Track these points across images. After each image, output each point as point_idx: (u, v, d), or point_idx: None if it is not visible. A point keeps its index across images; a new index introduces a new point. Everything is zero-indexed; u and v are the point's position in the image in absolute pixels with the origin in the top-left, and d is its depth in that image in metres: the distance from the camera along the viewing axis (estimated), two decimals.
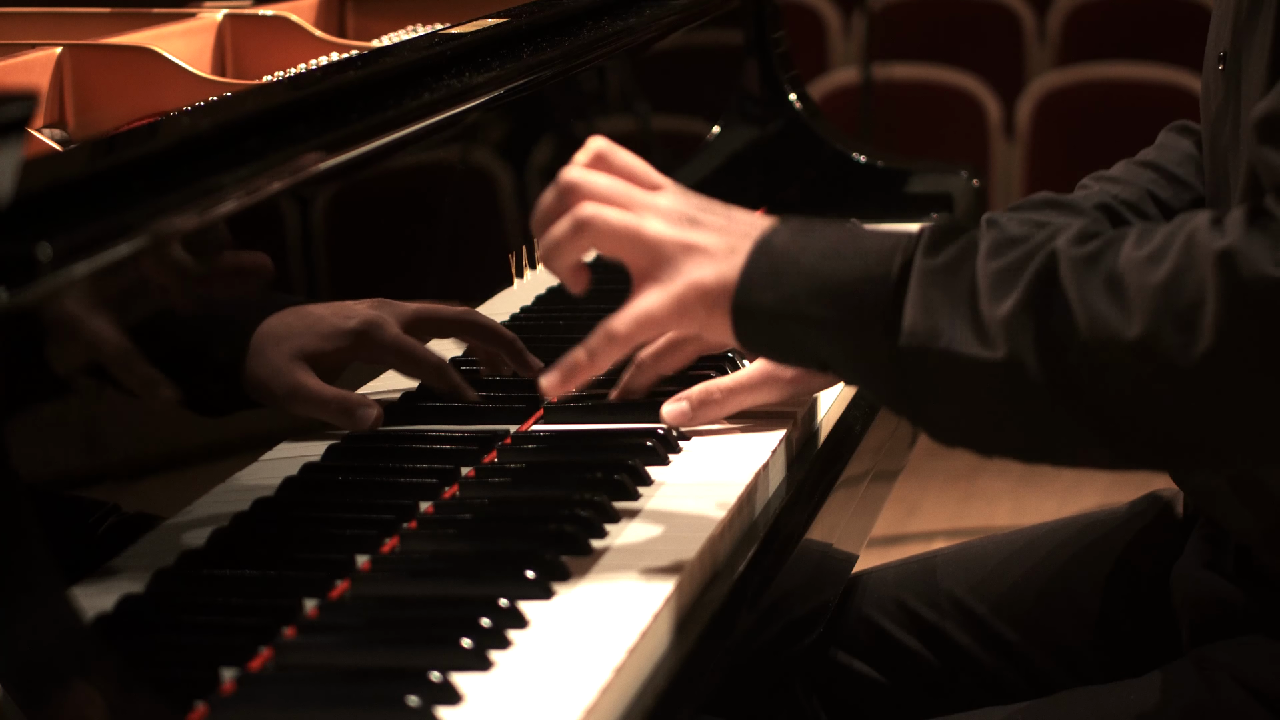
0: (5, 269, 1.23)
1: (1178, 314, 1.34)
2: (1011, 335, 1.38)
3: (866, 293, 1.43)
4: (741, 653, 1.51)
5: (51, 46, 2.01)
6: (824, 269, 1.45)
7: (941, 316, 1.40)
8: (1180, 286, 1.34)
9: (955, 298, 1.40)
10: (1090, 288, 1.37)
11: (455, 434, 1.76)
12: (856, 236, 1.47)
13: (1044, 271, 1.38)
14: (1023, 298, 1.38)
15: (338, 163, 1.68)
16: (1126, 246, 1.38)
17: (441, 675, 1.29)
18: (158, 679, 1.27)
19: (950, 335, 1.40)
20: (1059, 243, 1.40)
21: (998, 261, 1.40)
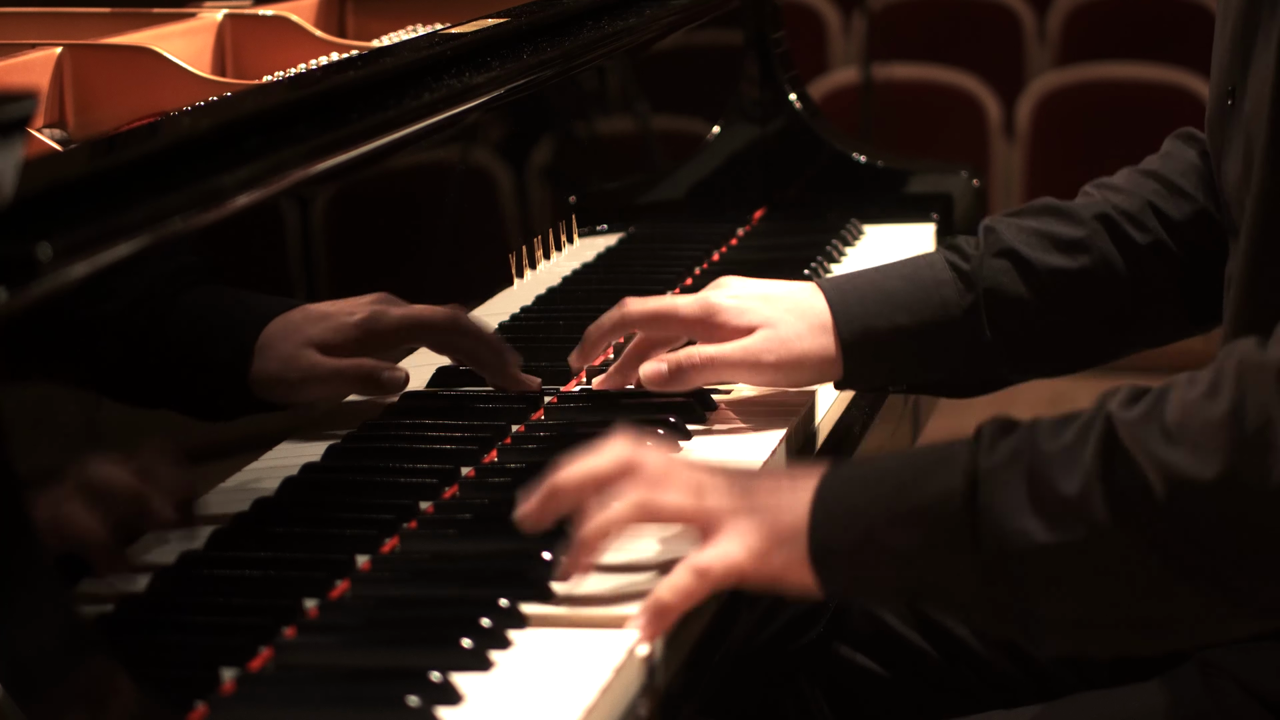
0: (5, 269, 1.23)
1: (1250, 440, 1.30)
2: (1085, 512, 1.34)
3: (941, 509, 1.38)
4: (743, 649, 1.51)
5: (51, 46, 2.01)
6: (892, 495, 1.40)
7: (1016, 514, 1.35)
8: (1245, 412, 1.31)
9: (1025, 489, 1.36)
10: (1153, 441, 1.33)
11: (455, 434, 1.75)
12: (912, 456, 1.43)
13: (1104, 438, 1.34)
14: (1089, 471, 1.34)
15: (338, 163, 1.68)
16: (1177, 393, 1.35)
17: (441, 675, 1.29)
18: (158, 679, 1.26)
19: (1025, 531, 1.35)
20: (1111, 408, 1.36)
21: (1056, 441, 1.37)
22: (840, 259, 2.41)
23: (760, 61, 2.72)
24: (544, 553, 1.48)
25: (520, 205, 2.16)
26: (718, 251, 2.41)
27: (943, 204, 2.67)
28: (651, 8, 2.37)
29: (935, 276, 1.86)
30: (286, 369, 1.61)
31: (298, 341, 1.63)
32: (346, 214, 1.77)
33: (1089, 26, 6.32)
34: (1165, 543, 1.32)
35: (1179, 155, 1.92)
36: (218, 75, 2.18)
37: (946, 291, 1.85)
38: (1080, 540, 1.34)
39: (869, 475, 1.43)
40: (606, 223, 2.31)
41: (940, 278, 1.86)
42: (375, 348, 1.73)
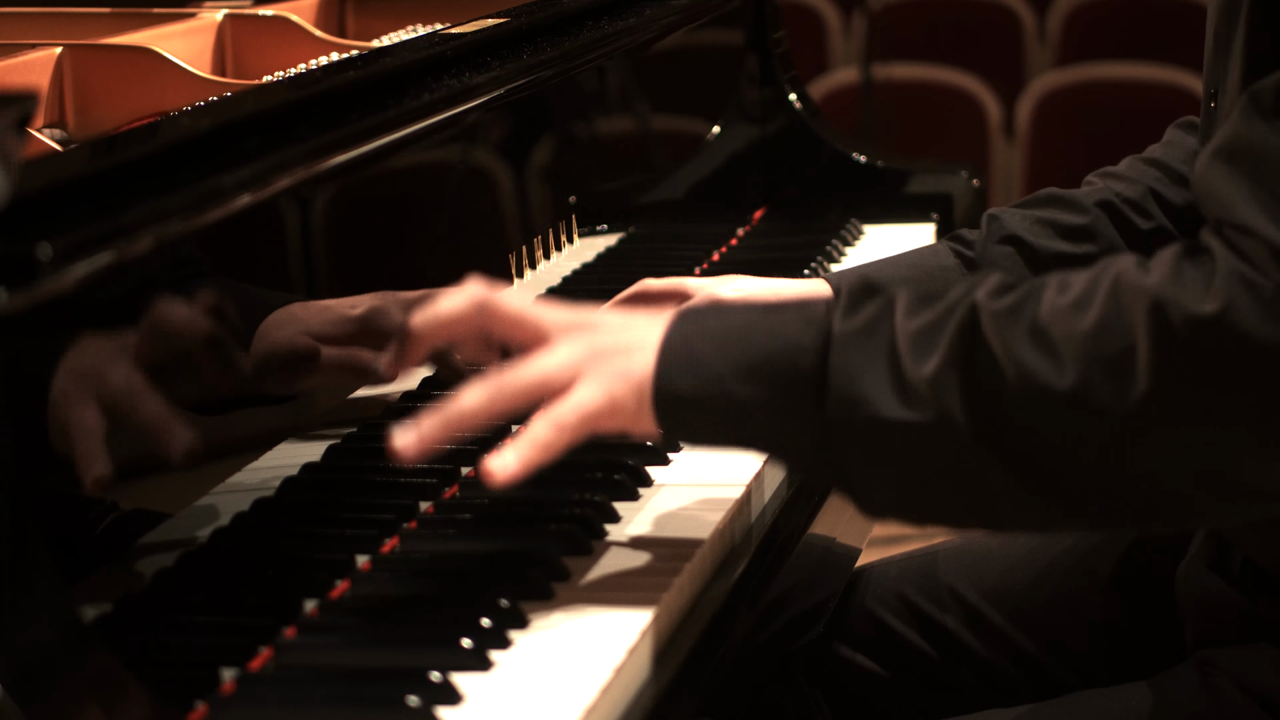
0: (5, 269, 1.23)
1: (1109, 361, 1.30)
2: (938, 395, 1.33)
3: (788, 364, 1.37)
4: (744, 648, 1.51)
5: (51, 46, 2.01)
6: (741, 345, 1.39)
7: (866, 382, 1.35)
8: (1109, 332, 1.30)
9: (877, 361, 1.35)
10: (1015, 339, 1.32)
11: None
12: (771, 310, 1.41)
13: (965, 326, 1.34)
14: (946, 355, 1.33)
15: (338, 163, 1.68)
16: (1049, 295, 1.34)
17: (441, 675, 1.29)
18: (158, 679, 1.27)
19: (877, 401, 1.34)
20: (978, 296, 1.35)
21: (917, 320, 1.36)
22: (840, 259, 2.41)
23: (760, 61, 2.72)
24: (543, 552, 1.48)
25: (520, 205, 2.16)
26: (718, 251, 2.41)
27: (943, 204, 2.68)
28: (651, 8, 2.37)
29: (939, 263, 1.88)
30: (288, 354, 1.61)
31: (297, 329, 1.63)
32: (346, 214, 1.77)
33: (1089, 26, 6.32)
34: (1007, 439, 1.32)
35: (1181, 143, 1.93)
36: (218, 75, 2.18)
37: (950, 276, 1.86)
38: (926, 422, 1.33)
39: (721, 322, 1.41)
40: (606, 223, 2.31)
41: (944, 263, 1.87)
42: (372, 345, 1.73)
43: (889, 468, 1.36)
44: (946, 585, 1.91)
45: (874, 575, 1.97)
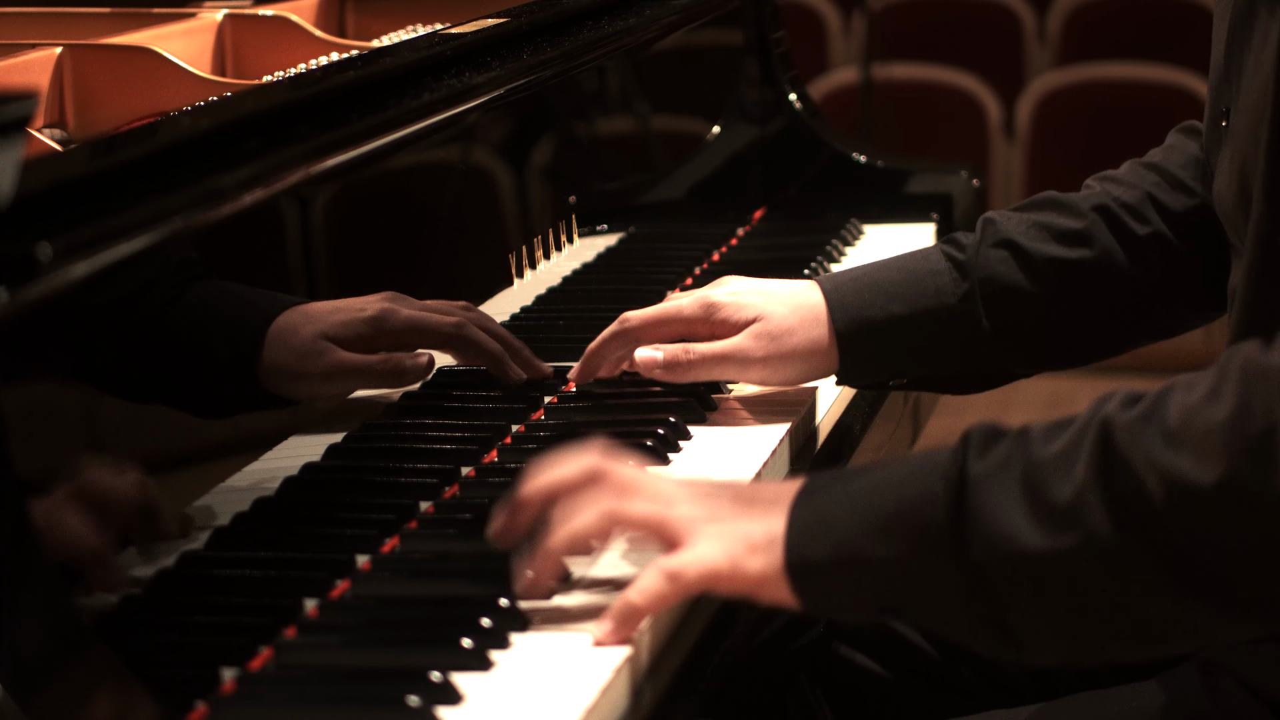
0: (5, 269, 1.23)
1: (1252, 446, 1.26)
2: (1081, 517, 1.29)
3: (924, 516, 1.33)
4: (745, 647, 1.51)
5: (51, 46, 2.01)
6: (872, 504, 1.35)
7: (1005, 520, 1.31)
8: (1248, 416, 1.27)
9: (1014, 497, 1.31)
10: (1151, 445, 1.29)
11: (455, 434, 1.75)
12: (891, 465, 1.38)
13: (1099, 443, 1.30)
14: (1084, 476, 1.30)
15: (338, 163, 1.68)
16: (1177, 396, 1.31)
17: (442, 675, 1.29)
18: (158, 679, 1.26)
19: (1019, 536, 1.30)
20: (1108, 411, 1.32)
21: (1050, 448, 1.32)
22: (840, 259, 2.41)
23: (760, 61, 2.72)
24: None
25: (520, 205, 2.16)
26: (718, 251, 2.41)
27: (942, 204, 2.68)
28: (651, 8, 2.37)
29: (930, 267, 1.86)
30: (305, 362, 1.62)
31: (313, 334, 1.63)
32: (347, 214, 1.77)
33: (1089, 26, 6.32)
34: (1164, 549, 1.28)
35: (1181, 148, 1.92)
36: (218, 75, 2.18)
37: (941, 280, 1.85)
38: (1074, 547, 1.29)
39: (847, 486, 1.38)
40: (606, 223, 2.31)
41: (935, 267, 1.86)
42: (384, 344, 1.73)
43: (1043, 604, 1.32)
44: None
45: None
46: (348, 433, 1.71)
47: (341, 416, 1.72)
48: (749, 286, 1.85)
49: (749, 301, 1.82)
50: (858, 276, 1.87)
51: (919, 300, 1.84)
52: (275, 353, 1.60)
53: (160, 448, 1.48)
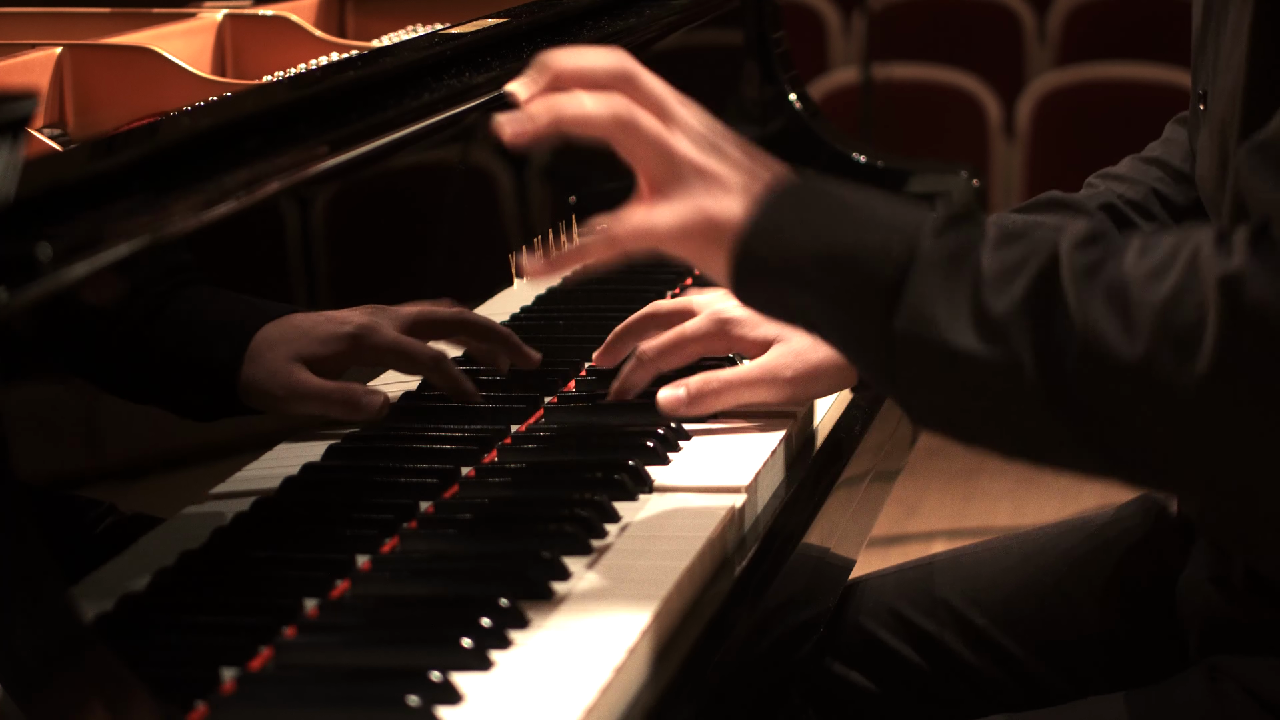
0: (5, 269, 1.23)
1: (1177, 336, 1.29)
2: (1010, 335, 1.34)
3: (870, 266, 1.38)
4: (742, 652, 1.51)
5: (51, 46, 2.01)
6: (831, 233, 1.40)
7: (941, 305, 1.36)
8: (1181, 306, 1.29)
9: (957, 287, 1.36)
10: (1090, 297, 1.32)
11: (455, 434, 1.75)
12: (869, 203, 1.41)
13: (1045, 273, 1.34)
14: (1023, 298, 1.34)
15: (338, 163, 1.68)
16: (1130, 256, 1.33)
17: (442, 675, 1.29)
18: (158, 679, 1.26)
19: (948, 326, 1.35)
20: (1062, 244, 1.35)
21: (1001, 255, 1.36)
22: None
23: (760, 61, 2.72)
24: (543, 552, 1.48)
25: (520, 205, 2.16)
26: None
27: None
28: (651, 8, 2.37)
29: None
30: (271, 380, 1.60)
31: (286, 354, 1.61)
32: (346, 214, 1.77)
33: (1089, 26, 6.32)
34: (1067, 391, 1.32)
35: (1179, 140, 1.92)
36: (218, 75, 2.18)
37: None
38: (994, 360, 1.33)
39: (816, 202, 1.42)
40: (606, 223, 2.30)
41: None
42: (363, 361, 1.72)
43: (947, 392, 1.37)
44: (941, 599, 1.89)
45: (867, 590, 1.95)
46: (348, 433, 1.71)
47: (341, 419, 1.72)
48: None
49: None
50: None
51: None
52: (252, 367, 1.58)
53: (160, 448, 1.48)
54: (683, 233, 1.44)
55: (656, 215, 1.45)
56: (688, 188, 1.44)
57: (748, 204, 1.42)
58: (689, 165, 1.44)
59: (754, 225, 1.41)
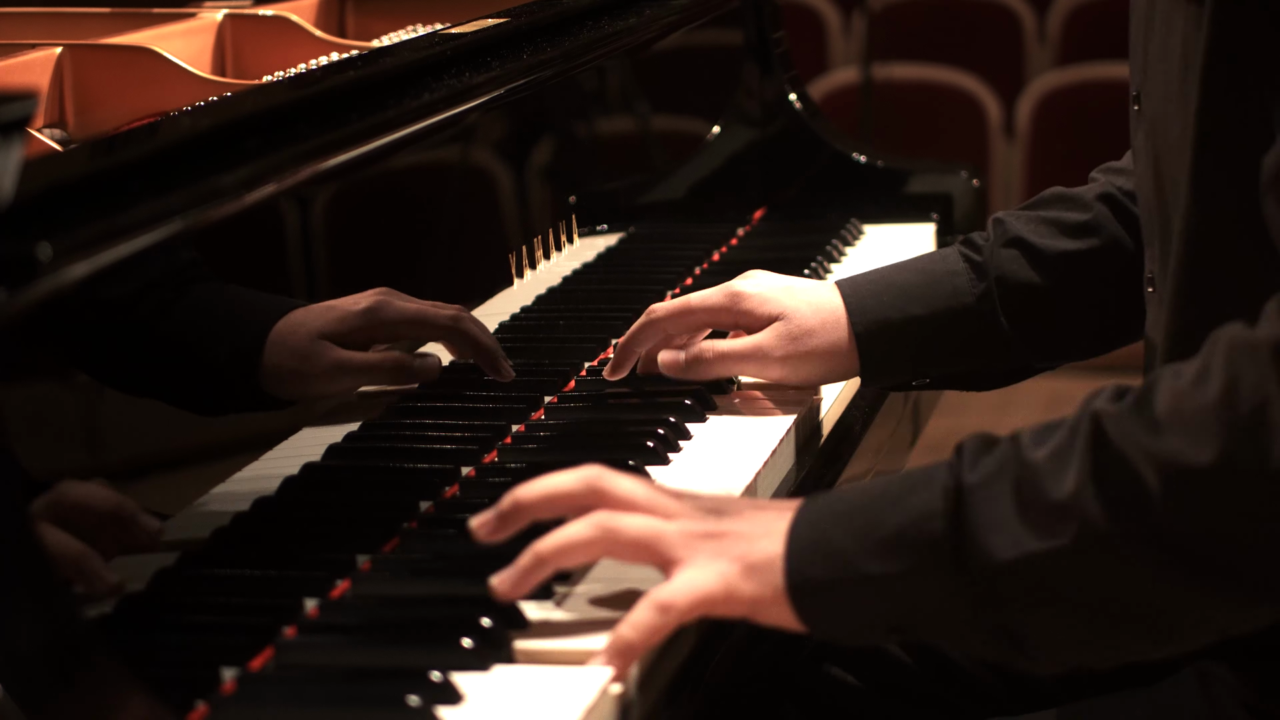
0: (5, 269, 1.23)
1: (1245, 422, 1.25)
2: (1079, 513, 1.28)
3: (924, 530, 1.32)
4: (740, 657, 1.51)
5: (51, 46, 2.01)
6: (871, 523, 1.33)
7: (1003, 525, 1.30)
8: (1238, 393, 1.25)
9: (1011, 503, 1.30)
10: (1144, 433, 1.28)
11: (455, 434, 1.75)
12: (890, 483, 1.37)
13: (1092, 438, 1.29)
14: (1080, 472, 1.29)
15: (338, 163, 1.68)
16: (1165, 382, 1.30)
17: (442, 675, 1.29)
18: (158, 679, 1.26)
19: (1019, 541, 1.29)
20: (1098, 405, 1.31)
21: (1044, 449, 1.32)
22: (840, 259, 2.41)
23: (760, 61, 2.72)
24: None
25: (520, 205, 2.16)
26: (718, 251, 2.41)
27: (943, 204, 2.68)
28: (651, 8, 2.37)
29: (948, 268, 1.87)
30: (306, 363, 1.62)
31: (309, 334, 1.64)
32: (347, 214, 1.77)
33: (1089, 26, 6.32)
34: (1164, 536, 1.27)
35: None
36: (218, 75, 2.18)
37: (959, 281, 1.86)
38: (1072, 543, 1.28)
39: (846, 504, 1.37)
40: (606, 223, 2.31)
41: (953, 268, 1.87)
42: (380, 337, 1.74)
43: (1046, 606, 1.30)
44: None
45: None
46: (348, 433, 1.71)
47: (342, 416, 1.72)
48: (774, 281, 1.86)
49: (774, 296, 1.83)
50: (876, 279, 1.88)
51: (937, 301, 1.85)
52: (276, 355, 1.60)
53: (160, 448, 1.48)
54: (728, 588, 1.34)
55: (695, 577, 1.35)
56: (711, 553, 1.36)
57: (780, 536, 1.36)
58: (698, 537, 1.37)
59: (795, 546, 1.35)
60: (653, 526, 1.36)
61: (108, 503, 1.39)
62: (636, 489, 1.39)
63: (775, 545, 1.35)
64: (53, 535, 1.30)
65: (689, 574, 1.35)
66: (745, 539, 1.36)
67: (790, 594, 1.34)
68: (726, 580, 1.35)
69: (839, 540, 1.34)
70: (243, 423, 1.60)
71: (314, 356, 1.64)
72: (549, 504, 1.39)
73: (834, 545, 1.34)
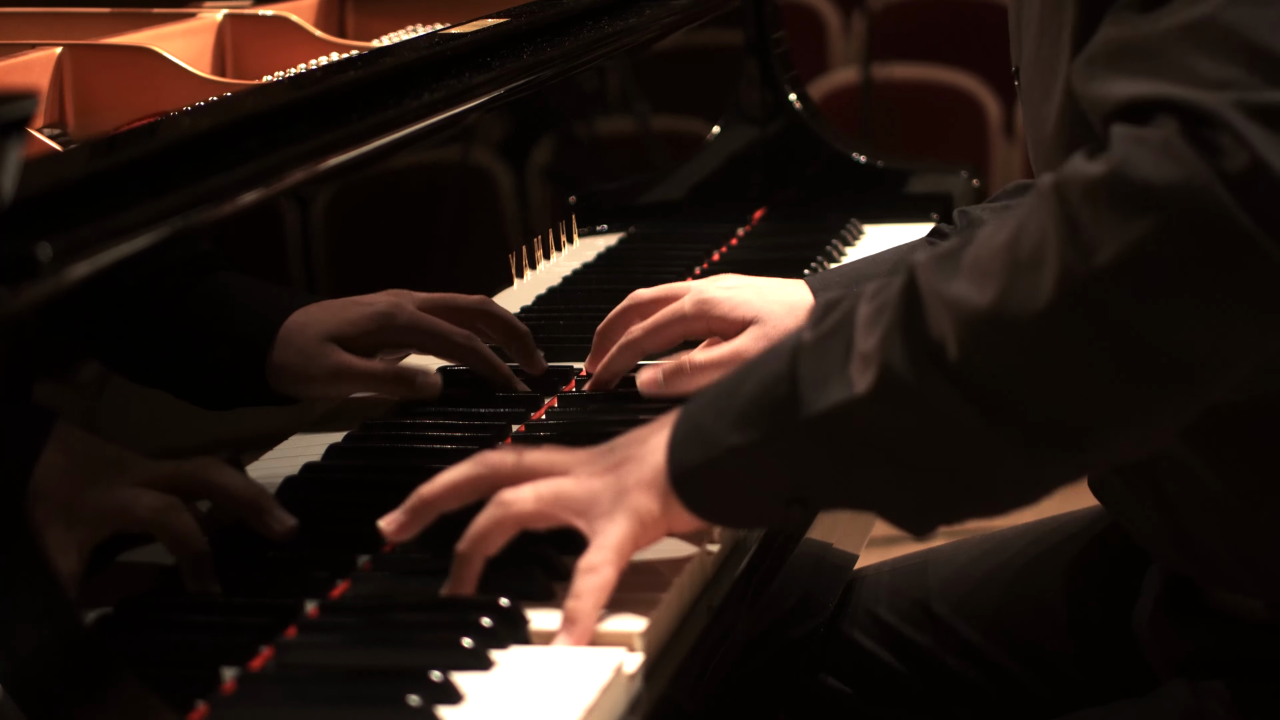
0: (5, 269, 1.23)
1: (1023, 261, 1.25)
2: (882, 359, 1.29)
3: (772, 395, 1.34)
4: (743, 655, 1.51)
5: (51, 46, 2.01)
6: (735, 398, 1.36)
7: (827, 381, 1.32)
8: (1023, 234, 1.26)
9: (838, 356, 1.32)
10: (942, 279, 1.29)
11: (456, 434, 1.75)
12: (753, 360, 1.39)
13: (905, 288, 1.31)
14: (890, 320, 1.30)
15: (338, 163, 1.68)
16: (982, 232, 1.31)
17: (442, 675, 1.29)
18: (158, 679, 1.27)
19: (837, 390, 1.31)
20: (917, 257, 1.33)
21: (872, 304, 1.33)
22: (840, 259, 2.41)
23: (760, 61, 2.72)
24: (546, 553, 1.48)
25: (520, 205, 2.16)
26: (718, 251, 2.41)
27: (943, 204, 2.67)
28: (651, 8, 2.37)
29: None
30: (310, 364, 1.62)
31: (318, 335, 1.63)
32: (347, 214, 1.77)
33: None
34: (955, 379, 1.27)
35: None
36: (218, 75, 2.18)
37: None
38: (870, 390, 1.29)
39: (714, 387, 1.38)
40: (606, 223, 2.31)
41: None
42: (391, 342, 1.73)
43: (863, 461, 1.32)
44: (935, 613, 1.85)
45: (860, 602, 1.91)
46: (348, 433, 1.71)
47: (342, 416, 1.72)
48: (744, 283, 1.84)
49: (745, 299, 1.81)
50: (845, 272, 1.87)
51: None
52: (283, 351, 1.60)
53: (160, 448, 1.48)
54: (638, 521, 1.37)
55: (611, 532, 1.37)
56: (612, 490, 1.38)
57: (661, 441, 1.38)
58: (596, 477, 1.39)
59: (674, 445, 1.37)
60: (550, 489, 1.39)
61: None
62: (527, 455, 1.41)
63: (659, 451, 1.38)
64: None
65: (602, 529, 1.37)
66: (636, 460, 1.38)
67: (675, 488, 1.37)
68: (634, 510, 1.37)
69: (707, 422, 1.36)
70: (243, 422, 1.60)
71: (318, 358, 1.64)
72: (452, 493, 1.42)
73: (703, 428, 1.36)
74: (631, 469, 1.39)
